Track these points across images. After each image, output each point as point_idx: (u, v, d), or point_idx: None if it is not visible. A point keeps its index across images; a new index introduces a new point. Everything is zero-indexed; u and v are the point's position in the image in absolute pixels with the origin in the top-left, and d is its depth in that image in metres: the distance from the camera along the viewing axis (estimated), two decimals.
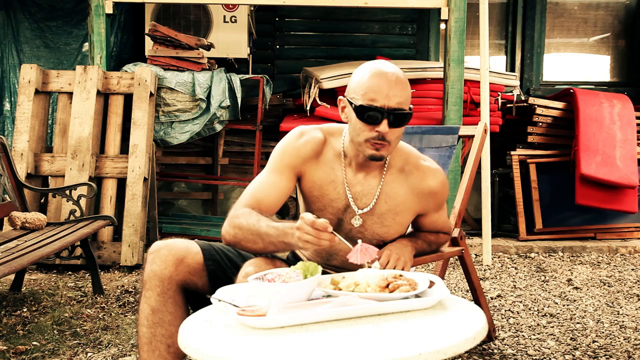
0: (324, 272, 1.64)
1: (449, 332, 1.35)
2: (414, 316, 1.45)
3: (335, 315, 1.42)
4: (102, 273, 3.99)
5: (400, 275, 1.62)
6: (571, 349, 2.77)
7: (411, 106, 1.81)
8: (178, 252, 1.77)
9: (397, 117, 1.75)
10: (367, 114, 1.75)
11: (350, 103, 1.79)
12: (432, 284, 1.62)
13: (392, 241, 1.97)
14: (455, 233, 2.37)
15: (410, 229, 2.14)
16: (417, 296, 1.55)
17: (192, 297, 1.86)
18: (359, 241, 1.67)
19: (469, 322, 1.41)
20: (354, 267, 1.72)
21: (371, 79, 1.76)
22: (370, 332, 1.36)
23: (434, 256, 2.17)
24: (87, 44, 5.37)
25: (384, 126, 1.74)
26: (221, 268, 1.84)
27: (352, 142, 1.85)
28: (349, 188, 1.89)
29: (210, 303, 1.67)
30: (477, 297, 2.55)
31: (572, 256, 4.71)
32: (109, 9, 4.56)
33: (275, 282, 1.52)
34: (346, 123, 1.89)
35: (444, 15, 4.69)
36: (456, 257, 2.46)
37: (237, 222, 1.78)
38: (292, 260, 2.04)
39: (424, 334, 1.35)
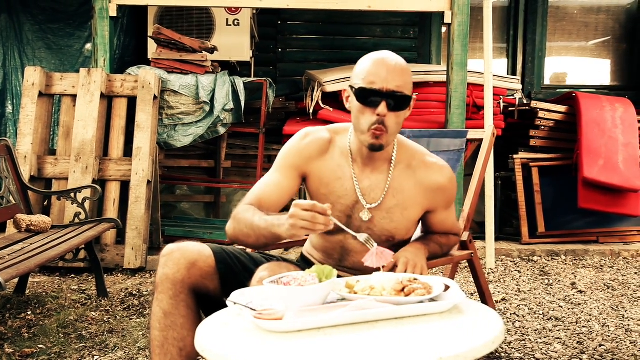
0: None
1: (468, 336, 1.35)
2: (431, 320, 1.45)
3: (353, 318, 1.42)
4: (105, 276, 3.96)
5: (415, 279, 1.61)
6: (578, 353, 2.77)
7: (415, 95, 1.87)
8: (190, 255, 1.77)
9: (396, 100, 1.80)
10: (366, 96, 1.80)
11: (352, 88, 1.85)
12: (446, 287, 1.62)
13: (405, 243, 1.97)
14: (465, 237, 2.37)
15: (420, 232, 2.14)
16: (432, 300, 1.55)
17: (204, 300, 1.85)
18: (375, 245, 1.67)
19: (486, 325, 1.40)
20: (365, 269, 1.73)
21: (372, 64, 1.82)
22: (388, 336, 1.36)
23: (444, 260, 2.17)
24: (88, 45, 5.37)
25: (382, 108, 1.78)
26: (233, 272, 1.84)
27: (355, 132, 1.89)
28: (357, 183, 1.92)
29: (221, 307, 1.66)
30: (486, 301, 2.55)
31: (575, 260, 4.72)
32: (113, 12, 4.56)
33: (291, 286, 1.52)
34: (350, 122, 1.93)
35: (447, 19, 4.69)
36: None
37: (237, 217, 1.84)
38: (303, 264, 2.03)
39: (443, 338, 1.35)
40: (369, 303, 1.47)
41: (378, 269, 1.65)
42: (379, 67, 1.81)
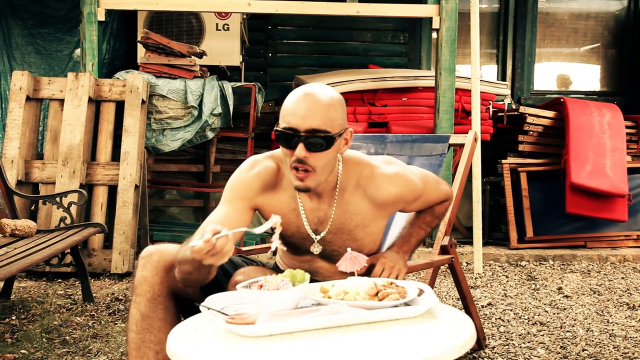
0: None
1: (437, 340, 1.35)
2: (403, 324, 1.45)
3: (323, 323, 1.42)
4: (92, 280, 3.96)
5: (391, 283, 1.62)
6: (561, 357, 2.77)
7: (349, 129, 1.74)
8: (170, 258, 1.74)
9: (313, 141, 1.66)
10: (283, 137, 1.69)
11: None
12: (421, 292, 1.62)
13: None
14: (445, 241, 2.37)
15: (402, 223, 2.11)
16: (406, 304, 1.55)
17: (183, 304, 1.84)
18: (348, 249, 1.67)
19: (457, 330, 1.41)
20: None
21: (293, 102, 1.69)
22: (358, 341, 1.36)
23: (423, 264, 2.17)
24: (78, 50, 5.37)
25: (299, 150, 1.66)
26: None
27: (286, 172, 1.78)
28: (305, 217, 1.85)
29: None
30: (467, 305, 2.55)
31: (562, 264, 4.73)
32: (101, 16, 4.56)
33: (263, 290, 1.52)
34: None
35: (435, 25, 4.72)
36: (447, 265, 2.47)
37: (177, 259, 1.67)
38: (279, 271, 2.03)
39: (411, 343, 1.35)
40: (341, 307, 1.47)
41: (352, 274, 1.65)
42: (298, 104, 1.67)
